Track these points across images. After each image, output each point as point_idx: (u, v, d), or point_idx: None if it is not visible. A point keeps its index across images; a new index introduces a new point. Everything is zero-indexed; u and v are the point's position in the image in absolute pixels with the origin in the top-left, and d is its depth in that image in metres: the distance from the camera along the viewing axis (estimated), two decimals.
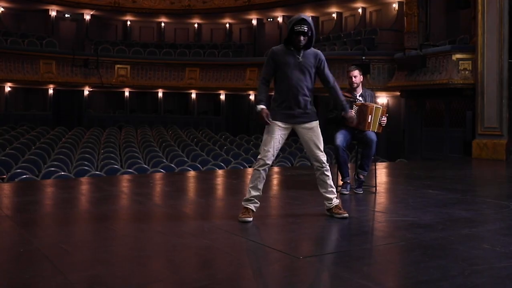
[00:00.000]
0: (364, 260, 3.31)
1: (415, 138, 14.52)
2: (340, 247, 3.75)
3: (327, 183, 4.40)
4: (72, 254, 3.37)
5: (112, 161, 10.63)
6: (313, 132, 4.33)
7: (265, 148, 4.29)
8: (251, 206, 4.34)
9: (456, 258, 3.25)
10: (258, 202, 4.39)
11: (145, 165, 10.58)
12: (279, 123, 4.30)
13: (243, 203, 4.39)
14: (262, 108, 4.22)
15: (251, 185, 4.35)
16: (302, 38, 4.11)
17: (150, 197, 5.96)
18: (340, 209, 4.44)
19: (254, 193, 4.32)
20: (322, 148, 4.36)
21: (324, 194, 4.44)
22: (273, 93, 4.41)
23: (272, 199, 5.64)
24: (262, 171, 4.29)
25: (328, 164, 4.42)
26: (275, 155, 4.39)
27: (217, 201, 5.87)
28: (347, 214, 4.40)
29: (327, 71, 4.40)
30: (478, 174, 9.37)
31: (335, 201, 4.45)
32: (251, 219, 4.27)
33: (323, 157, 4.33)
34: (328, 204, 4.46)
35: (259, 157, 4.33)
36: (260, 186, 4.35)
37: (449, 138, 13.49)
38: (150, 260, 3.28)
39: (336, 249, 3.71)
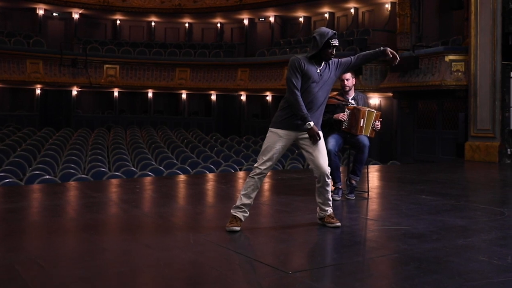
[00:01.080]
0: (356, 275, 3.16)
1: (407, 139, 14.46)
2: (331, 260, 3.60)
3: (325, 196, 4.29)
4: (48, 271, 3.17)
5: (99, 164, 10.40)
6: (317, 144, 4.19)
7: (264, 158, 4.16)
8: (240, 215, 4.19)
9: (452, 272, 3.14)
10: (248, 212, 4.25)
11: (133, 167, 10.36)
12: (282, 133, 4.16)
13: (232, 210, 4.24)
14: (313, 125, 4.10)
15: (244, 192, 4.20)
16: (335, 52, 4.13)
17: (135, 204, 5.75)
18: (333, 218, 4.33)
19: (245, 201, 4.18)
20: (326, 161, 4.22)
21: (320, 204, 4.34)
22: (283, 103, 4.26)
23: (262, 206, 5.48)
24: (257, 179, 4.16)
25: (330, 178, 4.30)
26: (273, 166, 4.26)
27: (205, 208, 5.68)
28: (339, 224, 4.29)
29: (345, 60, 4.30)
30: (471, 177, 9.27)
31: (329, 211, 4.34)
32: (239, 228, 4.13)
33: (328, 170, 4.21)
34: (321, 213, 4.37)
35: (256, 165, 4.18)
36: (253, 195, 4.21)
37: (441, 140, 13.43)
38: (131, 277, 3.11)
39: (327, 263, 3.56)
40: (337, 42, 4.10)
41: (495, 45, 11.19)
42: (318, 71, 4.11)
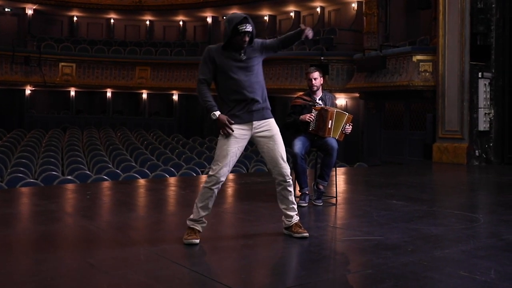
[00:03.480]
0: None
1: (374, 140, 14.34)
2: (298, 279, 3.17)
3: (288, 199, 3.94)
4: None
5: (51, 167, 9.88)
6: (274, 141, 3.84)
7: (220, 164, 3.72)
8: (198, 227, 3.79)
9: None
10: (206, 222, 3.84)
11: (88, 171, 9.89)
12: (236, 131, 3.75)
13: (188, 222, 3.81)
14: (219, 114, 3.73)
15: (201, 205, 3.77)
16: (247, 38, 3.73)
17: (83, 213, 5.22)
18: (300, 227, 3.97)
19: (203, 213, 3.79)
20: (285, 159, 3.87)
21: (284, 211, 3.97)
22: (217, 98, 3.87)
23: (223, 214, 5.07)
24: (215, 190, 3.74)
25: (291, 177, 3.94)
26: (230, 171, 3.82)
27: (161, 217, 5.18)
28: (307, 234, 3.94)
29: (270, 41, 3.97)
30: (441, 180, 9.13)
31: (295, 219, 3.98)
32: (198, 240, 3.74)
33: (287, 170, 3.87)
34: (287, 222, 3.99)
35: (211, 173, 3.73)
36: (211, 205, 3.82)
37: (409, 141, 13.34)
38: None
39: (293, 282, 3.14)
40: (247, 27, 3.68)
41: (464, 45, 11.05)
42: (241, 55, 3.76)
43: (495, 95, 11.04)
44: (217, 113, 3.70)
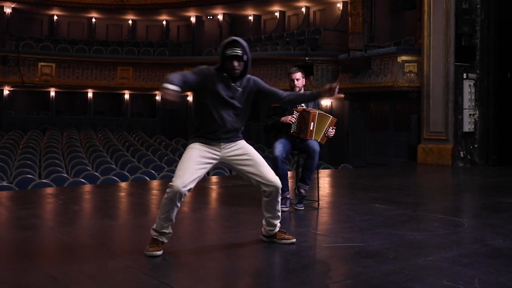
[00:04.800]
0: None
1: (359, 141, 14.27)
2: None
3: (276, 208, 3.78)
4: None
5: (27, 170, 9.59)
6: (251, 156, 3.67)
7: (180, 175, 3.46)
8: (162, 238, 3.59)
9: None
10: (171, 232, 3.63)
11: (66, 174, 9.62)
12: (203, 148, 3.57)
13: (152, 233, 3.59)
14: (173, 87, 3.21)
15: (162, 216, 3.54)
16: (236, 63, 3.49)
17: (55, 219, 5.04)
18: (285, 233, 3.89)
19: (165, 224, 3.56)
20: (273, 172, 3.73)
21: (268, 219, 3.82)
22: (195, 124, 3.70)
23: (202, 220, 4.88)
24: (177, 201, 3.46)
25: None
26: (192, 184, 3.51)
27: (133, 225, 4.95)
28: (294, 239, 3.86)
29: (267, 86, 3.77)
30: (425, 182, 9.07)
31: (278, 226, 3.88)
32: (161, 252, 3.53)
33: (277, 178, 3.71)
34: (270, 230, 3.86)
35: (172, 182, 3.45)
36: (173, 216, 3.57)
37: (393, 142, 13.28)
38: None
39: None
40: (235, 50, 3.45)
41: (448, 46, 10.99)
42: (235, 85, 3.55)
43: (480, 96, 11.00)
44: (171, 86, 3.19)
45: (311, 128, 5.13)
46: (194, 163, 3.50)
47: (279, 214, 3.83)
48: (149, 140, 15.87)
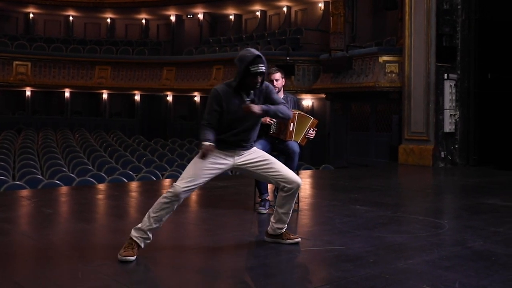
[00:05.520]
0: None
1: (340, 142, 14.22)
2: None
3: (291, 204, 3.80)
4: None
5: (0, 171, 9.31)
6: (265, 158, 3.70)
7: (187, 180, 3.46)
8: (141, 241, 3.44)
9: None
10: (151, 238, 3.50)
11: (41, 175, 9.39)
12: (217, 156, 3.57)
13: (133, 232, 3.46)
14: (208, 143, 3.45)
15: (154, 215, 3.44)
16: (260, 80, 3.56)
17: (27, 223, 4.88)
18: (290, 234, 3.93)
19: (154, 225, 3.45)
20: (290, 170, 3.77)
21: (281, 215, 3.80)
22: None
23: (178, 223, 4.68)
24: (175, 203, 3.44)
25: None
26: (193, 191, 3.59)
27: (110, 228, 4.79)
28: (299, 239, 3.94)
29: (274, 97, 3.76)
30: (406, 183, 9.07)
31: (286, 226, 3.89)
32: (134, 258, 3.39)
33: (297, 176, 3.74)
34: (278, 229, 3.86)
35: (177, 183, 3.44)
36: (165, 219, 3.49)
37: (375, 143, 13.26)
38: None
39: None
40: (260, 67, 3.50)
41: (429, 46, 10.98)
42: (249, 96, 3.62)
43: (461, 97, 11.03)
44: (207, 142, 3.44)
45: (291, 129, 5.07)
46: (205, 169, 3.50)
47: (291, 212, 3.82)
48: (128, 141, 15.66)
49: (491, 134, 11.03)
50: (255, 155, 3.69)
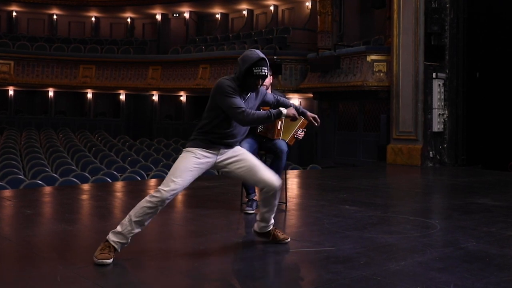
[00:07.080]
0: None
1: (328, 142, 14.18)
2: None
3: (272, 204, 3.69)
4: None
5: None
6: (244, 157, 3.59)
7: (174, 180, 3.33)
8: (118, 245, 3.30)
9: None
10: (129, 242, 3.37)
11: (23, 176, 9.18)
12: (201, 153, 3.47)
13: (110, 236, 3.31)
14: (285, 110, 3.53)
15: (136, 219, 3.30)
16: (261, 81, 3.54)
17: (7, 224, 4.68)
18: (280, 233, 3.86)
19: (135, 229, 3.32)
20: (271, 171, 3.66)
21: (264, 213, 3.72)
22: (204, 124, 3.58)
23: (161, 224, 4.54)
24: (159, 207, 3.32)
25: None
26: (179, 192, 3.45)
27: (93, 229, 4.62)
28: (289, 239, 3.88)
29: (268, 97, 3.84)
30: (395, 183, 8.99)
31: (272, 224, 3.81)
32: (110, 260, 3.26)
33: (276, 176, 3.63)
34: (263, 227, 3.79)
35: (163, 188, 3.31)
36: (147, 223, 3.37)
37: (363, 142, 13.22)
38: None
39: None
40: (263, 70, 3.45)
41: (418, 45, 10.96)
42: (246, 96, 3.57)
43: (449, 96, 11.01)
44: (283, 110, 3.50)
45: (279, 128, 4.98)
46: (190, 171, 3.40)
47: (275, 210, 3.73)
48: (113, 140, 15.52)
49: (480, 134, 11.03)
50: (235, 153, 3.61)
